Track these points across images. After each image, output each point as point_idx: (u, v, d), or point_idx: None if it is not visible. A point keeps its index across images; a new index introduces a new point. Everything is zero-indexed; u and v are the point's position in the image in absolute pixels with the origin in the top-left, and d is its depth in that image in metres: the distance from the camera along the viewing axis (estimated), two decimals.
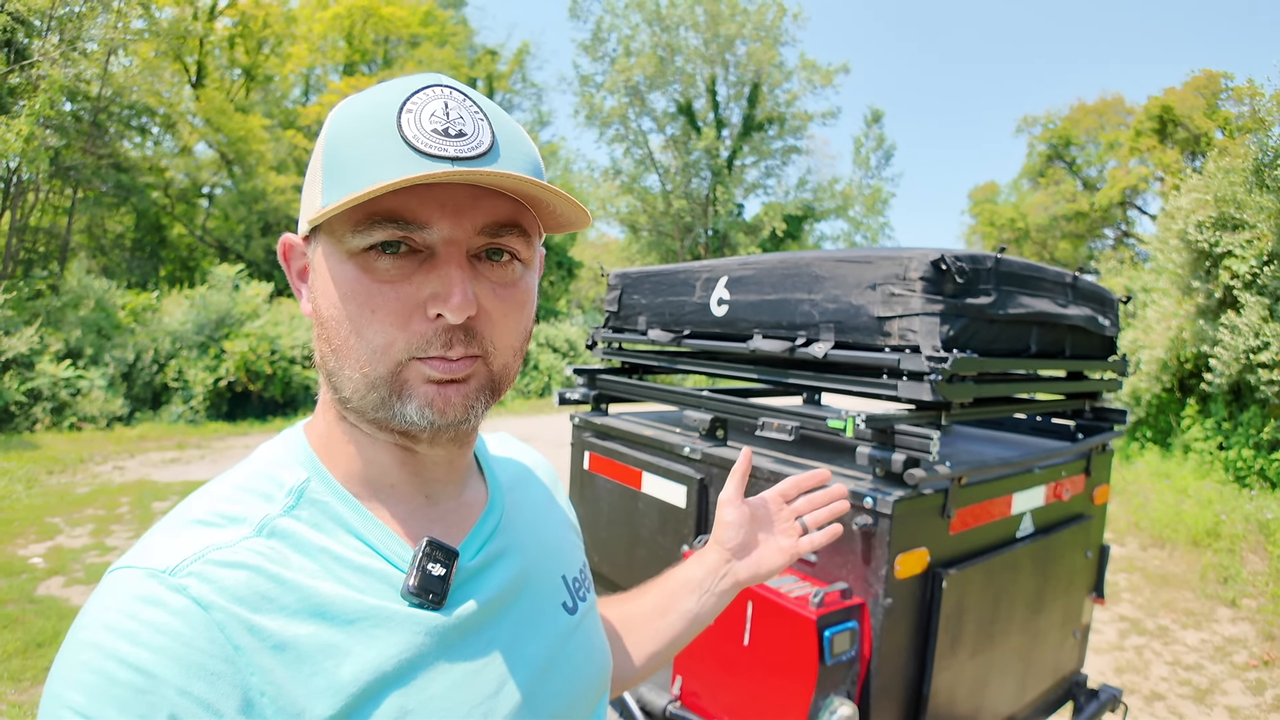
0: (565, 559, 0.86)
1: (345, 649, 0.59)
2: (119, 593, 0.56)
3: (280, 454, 0.70)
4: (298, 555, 0.62)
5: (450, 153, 0.59)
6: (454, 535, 0.72)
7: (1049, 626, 2.40)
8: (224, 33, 24.17)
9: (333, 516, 0.66)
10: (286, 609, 0.59)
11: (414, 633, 0.63)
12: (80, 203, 17.68)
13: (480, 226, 0.63)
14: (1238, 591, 6.02)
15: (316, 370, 0.70)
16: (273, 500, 0.65)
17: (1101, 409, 2.65)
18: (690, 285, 2.43)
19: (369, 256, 0.61)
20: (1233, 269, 8.21)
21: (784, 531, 1.06)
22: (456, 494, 0.76)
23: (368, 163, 0.59)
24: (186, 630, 0.54)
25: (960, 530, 1.91)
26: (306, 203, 0.66)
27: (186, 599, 0.55)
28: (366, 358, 0.62)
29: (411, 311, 0.61)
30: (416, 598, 0.64)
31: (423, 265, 0.62)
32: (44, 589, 5.31)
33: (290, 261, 0.71)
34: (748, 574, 1.03)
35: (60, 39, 13.46)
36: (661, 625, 1.02)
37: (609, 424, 2.63)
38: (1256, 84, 10.04)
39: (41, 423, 11.21)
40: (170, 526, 0.62)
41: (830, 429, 1.81)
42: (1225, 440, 8.60)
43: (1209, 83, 21.78)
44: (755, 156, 28.38)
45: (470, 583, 0.70)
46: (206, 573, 0.57)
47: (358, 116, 0.62)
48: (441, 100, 0.61)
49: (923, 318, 1.72)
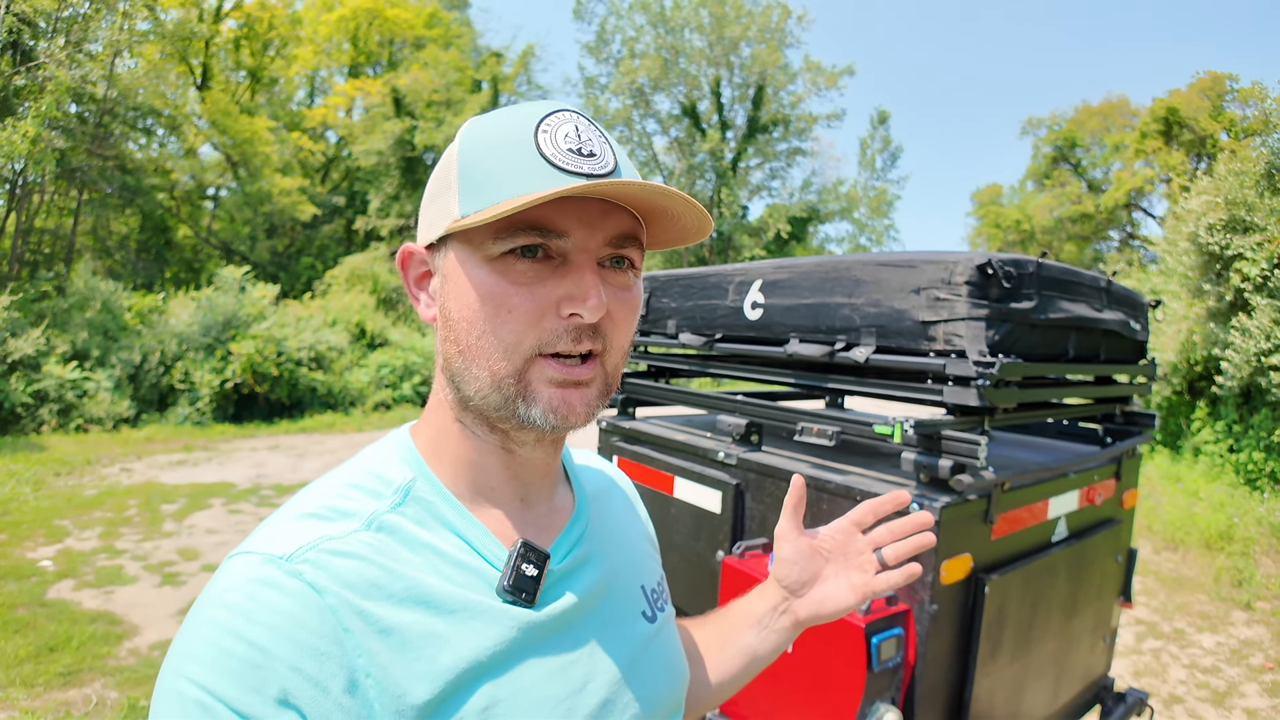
0: (644, 570, 0.88)
1: (445, 638, 0.63)
2: (238, 575, 0.60)
3: (387, 454, 0.74)
4: (403, 549, 0.66)
5: (585, 170, 0.64)
6: (544, 539, 0.75)
7: (1081, 630, 2.39)
8: (229, 35, 24.23)
9: (436, 515, 0.70)
10: (393, 597, 0.62)
11: (508, 627, 0.66)
12: (86, 204, 17.72)
13: (609, 237, 0.67)
14: (1252, 594, 6.00)
15: (439, 373, 0.74)
16: (381, 497, 0.68)
17: (1131, 413, 2.64)
18: (723, 289, 2.41)
19: (507, 261, 0.65)
20: (1243, 272, 8.20)
21: (858, 565, 0.97)
22: (549, 498, 0.79)
23: (510, 176, 0.63)
24: (300, 612, 0.58)
25: (1001, 535, 1.90)
26: (437, 213, 0.69)
27: (301, 583, 0.59)
28: (497, 355, 0.66)
29: (544, 311, 0.65)
30: (511, 595, 0.68)
31: (556, 270, 0.66)
32: (54, 592, 5.30)
33: (409, 269, 0.75)
34: (808, 613, 0.97)
35: (66, 41, 13.49)
36: (720, 659, 1.00)
37: (637, 428, 2.62)
38: (1263, 86, 10.02)
39: (48, 425, 11.21)
40: (284, 519, 0.66)
41: (875, 434, 1.80)
42: (1236, 443, 8.59)
43: (1214, 84, 21.78)
44: (760, 158, 28.44)
45: (559, 584, 0.73)
46: (320, 560, 0.61)
47: (492, 135, 0.67)
48: (573, 123, 0.66)
49: (968, 322, 1.70)
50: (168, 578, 5.68)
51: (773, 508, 2.03)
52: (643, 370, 2.92)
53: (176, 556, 6.17)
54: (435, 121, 23.63)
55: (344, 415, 14.35)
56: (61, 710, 3.75)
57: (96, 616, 4.89)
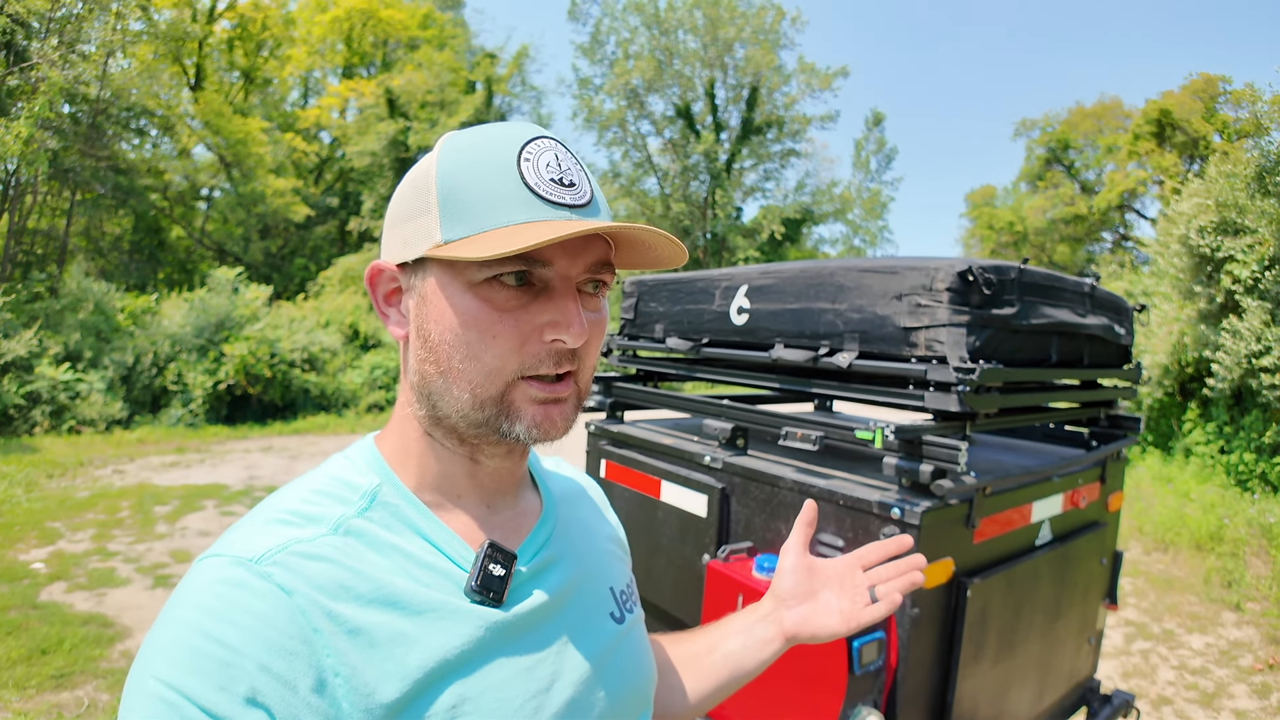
0: (613, 572, 0.90)
1: (414, 638, 0.64)
2: (208, 577, 0.61)
3: (353, 462, 0.76)
4: (371, 552, 0.67)
5: (566, 200, 0.67)
6: (511, 541, 0.77)
7: (1066, 633, 2.40)
8: (223, 35, 24.20)
9: (402, 519, 0.71)
10: (361, 598, 0.63)
11: (475, 626, 0.68)
12: (79, 205, 17.67)
13: (589, 264, 0.70)
14: (1242, 595, 6.03)
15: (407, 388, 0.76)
16: (348, 503, 0.70)
17: (1116, 416, 2.66)
18: (709, 294, 2.43)
19: (491, 286, 0.67)
20: (1234, 274, 8.24)
21: (850, 597, 1.00)
22: (514, 504, 0.82)
23: (497, 205, 0.65)
24: (269, 612, 0.59)
25: (983, 539, 1.91)
26: (414, 234, 0.70)
27: (271, 584, 0.60)
28: (480, 378, 0.68)
29: (527, 336, 0.68)
30: (479, 595, 0.69)
31: (539, 296, 0.68)
32: (46, 594, 5.29)
33: (377, 286, 0.76)
34: (793, 625, 0.99)
35: (59, 41, 13.44)
36: (707, 663, 1.02)
37: (626, 432, 2.63)
38: (1255, 88, 10.06)
39: (40, 426, 11.18)
40: (252, 524, 0.67)
41: (857, 439, 1.81)
42: (1227, 444, 8.63)
43: (1207, 86, 21.86)
44: (754, 160, 28.44)
45: (526, 585, 0.75)
46: (289, 562, 0.62)
47: (473, 158, 0.68)
48: (553, 152, 0.68)
49: (949, 328, 1.72)
50: (160, 580, 5.67)
51: (757, 511, 2.05)
52: (631, 374, 2.93)
53: (169, 559, 6.16)
54: (429, 122, 23.60)
55: (337, 417, 14.34)
56: (54, 712, 3.75)
57: (89, 619, 4.88)
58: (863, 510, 1.77)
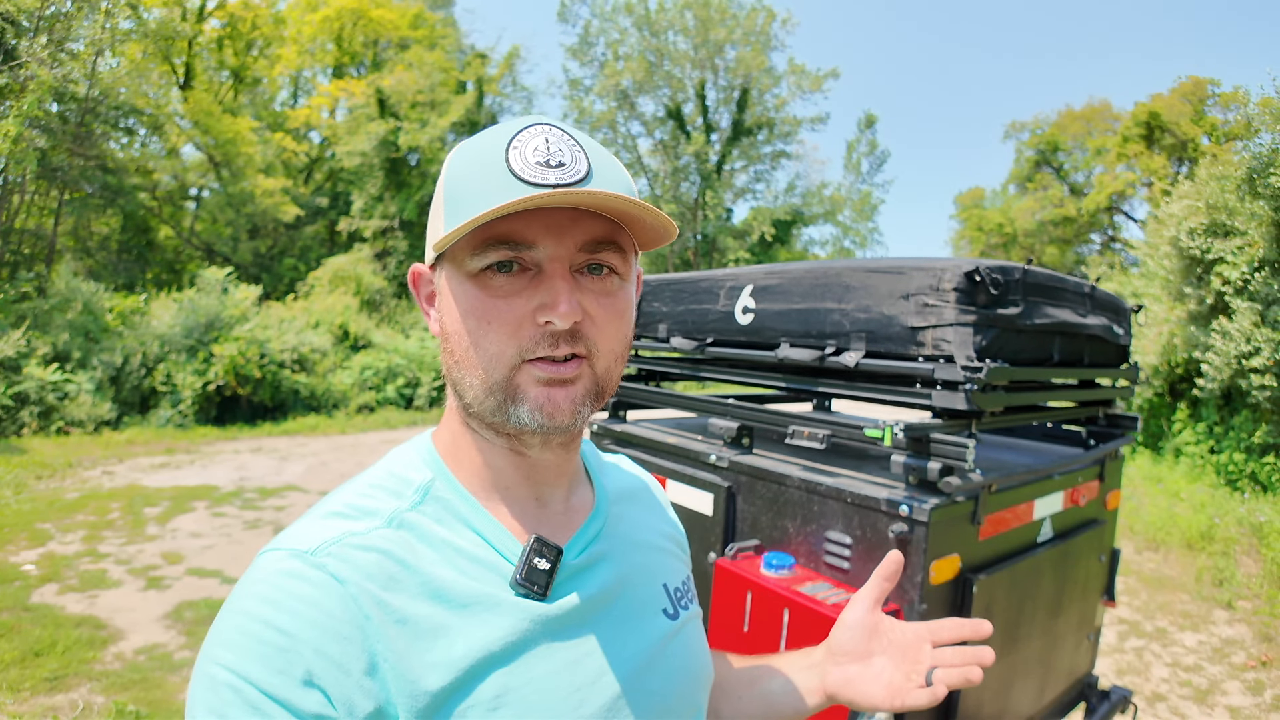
0: (668, 568, 0.90)
1: (459, 629, 0.66)
2: (267, 569, 0.64)
3: (409, 457, 0.78)
4: (422, 545, 0.70)
5: (551, 180, 0.66)
6: (560, 535, 0.78)
7: (1066, 629, 2.42)
8: (212, 34, 24.06)
9: (453, 513, 0.74)
10: (410, 589, 0.66)
11: (519, 619, 0.69)
12: (67, 204, 17.56)
13: (580, 244, 0.69)
14: (1233, 594, 6.09)
15: (448, 383, 0.77)
16: (401, 497, 0.73)
17: (1114, 416, 2.68)
18: (714, 293, 2.44)
19: (486, 276, 0.69)
20: (1224, 275, 8.31)
21: (906, 671, 0.90)
22: (564, 498, 0.82)
23: (482, 194, 0.66)
24: (324, 599, 0.62)
25: (988, 536, 1.93)
26: (431, 234, 0.74)
27: (325, 574, 0.63)
28: (485, 365, 0.70)
29: (521, 320, 0.68)
30: (523, 588, 0.71)
31: (532, 281, 0.69)
32: (38, 596, 5.26)
33: (419, 288, 0.80)
34: (835, 685, 0.93)
35: (48, 39, 13.36)
36: (745, 696, 1.00)
37: (628, 431, 2.63)
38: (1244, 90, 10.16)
39: (28, 427, 11.09)
40: (312, 518, 0.70)
41: (866, 437, 1.82)
42: (1217, 444, 8.70)
43: (1196, 89, 22.05)
44: (744, 161, 28.52)
45: (573, 579, 0.76)
46: (343, 554, 0.65)
47: (471, 156, 0.71)
48: (543, 136, 0.69)
49: (956, 328, 1.73)
50: (152, 581, 5.64)
51: (764, 510, 2.06)
52: (633, 374, 2.94)
53: (160, 560, 6.13)
54: (419, 122, 23.55)
55: (327, 418, 14.28)
56: (48, 715, 3.73)
57: (81, 621, 4.85)
58: (871, 508, 1.78)
